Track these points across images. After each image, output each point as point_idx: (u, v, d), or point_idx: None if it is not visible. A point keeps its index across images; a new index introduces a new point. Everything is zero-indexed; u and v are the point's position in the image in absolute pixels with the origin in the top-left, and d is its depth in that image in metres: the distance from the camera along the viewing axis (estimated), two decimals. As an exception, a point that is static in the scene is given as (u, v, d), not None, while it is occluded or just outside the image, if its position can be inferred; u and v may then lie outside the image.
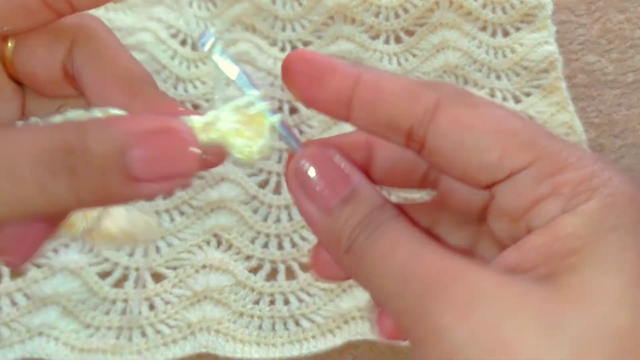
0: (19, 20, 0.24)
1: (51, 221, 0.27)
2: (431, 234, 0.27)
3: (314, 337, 0.50)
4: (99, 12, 0.66)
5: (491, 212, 0.24)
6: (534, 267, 0.21)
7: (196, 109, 0.61)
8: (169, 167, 0.22)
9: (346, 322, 0.50)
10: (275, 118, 0.25)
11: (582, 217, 0.20)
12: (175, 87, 0.62)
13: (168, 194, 0.24)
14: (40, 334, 0.50)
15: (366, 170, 0.28)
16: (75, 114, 0.24)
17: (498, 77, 0.62)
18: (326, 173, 0.24)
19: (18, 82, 0.27)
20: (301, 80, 0.24)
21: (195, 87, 0.62)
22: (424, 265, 0.21)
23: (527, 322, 0.19)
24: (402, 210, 0.25)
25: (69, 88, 0.27)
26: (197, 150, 0.22)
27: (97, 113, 0.24)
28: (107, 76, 0.25)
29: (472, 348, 0.20)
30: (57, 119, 0.25)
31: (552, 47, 0.62)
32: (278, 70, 0.63)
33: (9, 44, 0.26)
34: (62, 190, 0.21)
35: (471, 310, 0.20)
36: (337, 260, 0.24)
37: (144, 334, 0.51)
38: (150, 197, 0.23)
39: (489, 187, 0.23)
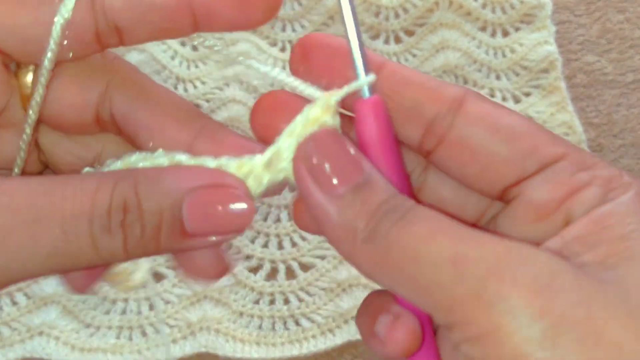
0: (67, 51, 0.23)
1: None
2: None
3: (313, 336, 0.50)
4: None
5: (506, 216, 0.23)
6: (579, 254, 0.20)
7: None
8: (219, 224, 0.22)
9: (346, 321, 0.50)
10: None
11: (625, 207, 0.20)
12: (175, 87, 0.62)
13: (218, 246, 0.25)
14: (41, 333, 0.50)
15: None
16: (137, 158, 0.24)
17: (498, 77, 0.62)
18: (337, 158, 0.22)
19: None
20: (319, 66, 0.24)
21: (195, 87, 0.62)
22: (482, 247, 0.19)
23: (613, 307, 0.18)
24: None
25: (96, 130, 0.26)
26: (247, 206, 0.22)
27: (162, 158, 0.23)
28: (164, 116, 0.25)
29: (559, 339, 0.17)
30: (118, 165, 0.24)
31: (552, 47, 0.62)
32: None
33: (27, 77, 0.25)
34: (114, 246, 0.21)
35: (551, 295, 0.18)
36: (349, 252, 0.21)
37: (144, 334, 0.51)
38: (199, 249, 0.24)
39: (508, 189, 0.22)
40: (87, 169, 0.25)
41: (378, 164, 0.22)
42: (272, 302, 0.52)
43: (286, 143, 0.23)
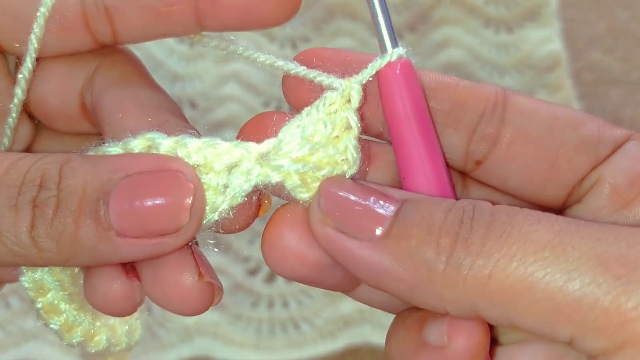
0: (54, 41, 0.21)
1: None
2: None
3: (314, 340, 0.50)
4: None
5: (588, 208, 0.20)
6: None
7: (194, 106, 0.61)
8: (158, 221, 0.18)
9: (347, 324, 0.49)
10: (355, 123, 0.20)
11: None
12: (173, 84, 0.61)
13: (149, 259, 0.19)
14: (35, 337, 0.49)
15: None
16: (115, 149, 0.20)
17: (502, 75, 0.62)
18: (359, 197, 0.18)
19: (32, 115, 0.23)
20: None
21: (192, 84, 0.62)
22: (630, 242, 0.15)
23: None
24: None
25: (84, 124, 0.23)
26: (192, 200, 0.18)
27: (135, 142, 0.19)
28: (129, 103, 0.22)
29: None
30: (91, 152, 0.21)
31: (557, 45, 0.62)
32: (277, 67, 0.63)
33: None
34: (17, 227, 0.17)
35: None
36: (432, 295, 0.16)
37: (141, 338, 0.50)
38: (126, 260, 0.19)
39: (580, 182, 0.19)
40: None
41: (412, 151, 0.19)
42: (271, 305, 0.51)
43: (289, 136, 0.19)
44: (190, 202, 0.18)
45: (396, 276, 0.17)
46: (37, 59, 0.22)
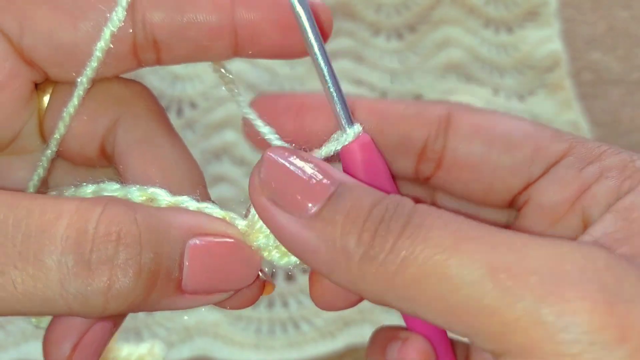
0: (104, 66, 0.21)
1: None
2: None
3: (313, 340, 0.49)
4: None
5: (523, 223, 0.21)
6: (613, 250, 0.18)
7: (194, 106, 0.61)
8: (223, 278, 0.19)
9: (346, 324, 0.49)
10: None
11: None
12: (173, 84, 0.61)
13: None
14: (36, 337, 0.49)
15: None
16: (112, 189, 0.20)
17: (502, 75, 0.62)
18: (299, 173, 0.18)
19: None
20: (288, 117, 0.22)
21: (192, 84, 0.62)
22: (523, 254, 0.16)
23: None
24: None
25: (101, 162, 0.23)
26: (252, 261, 0.20)
27: (136, 193, 0.20)
28: (153, 170, 0.22)
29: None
30: (90, 190, 0.21)
31: (557, 45, 0.62)
32: (277, 67, 0.63)
33: (45, 99, 0.22)
34: (91, 292, 0.17)
35: (627, 310, 0.15)
36: (347, 279, 0.18)
37: (140, 337, 0.50)
38: (183, 309, 0.20)
39: (516, 196, 0.21)
40: (52, 192, 0.22)
41: None
42: (270, 305, 0.51)
43: (256, 222, 0.21)
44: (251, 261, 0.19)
45: (318, 257, 0.18)
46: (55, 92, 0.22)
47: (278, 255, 0.20)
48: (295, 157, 0.19)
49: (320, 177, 0.18)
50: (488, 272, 0.16)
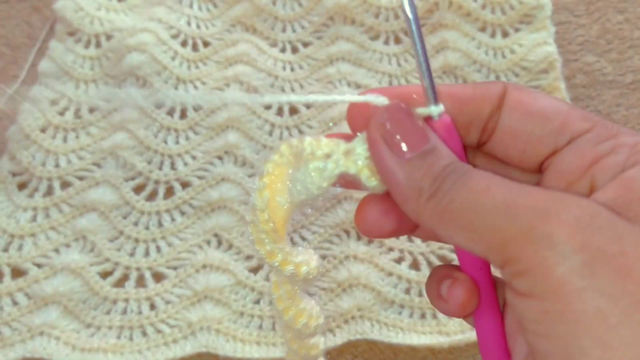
0: None
1: None
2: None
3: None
4: (99, 13, 0.66)
5: (544, 184, 0.26)
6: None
7: (196, 108, 0.61)
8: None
9: (346, 321, 0.50)
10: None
11: None
12: (176, 88, 0.62)
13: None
14: (41, 333, 0.50)
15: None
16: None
17: (497, 78, 0.62)
18: (407, 128, 0.25)
19: None
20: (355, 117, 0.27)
21: (195, 87, 0.62)
22: (530, 195, 0.22)
23: None
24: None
25: None
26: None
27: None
28: None
29: (591, 271, 0.20)
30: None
31: (551, 48, 0.62)
32: (278, 70, 0.64)
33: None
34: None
35: (591, 232, 0.20)
36: (415, 209, 0.24)
37: (144, 334, 0.51)
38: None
39: (544, 162, 0.25)
40: None
41: None
42: (272, 302, 0.52)
43: (359, 144, 0.26)
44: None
45: (400, 188, 0.24)
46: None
47: (367, 174, 0.26)
48: (411, 115, 0.25)
49: (421, 134, 0.25)
50: (503, 205, 0.22)
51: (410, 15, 0.25)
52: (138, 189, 0.58)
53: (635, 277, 0.20)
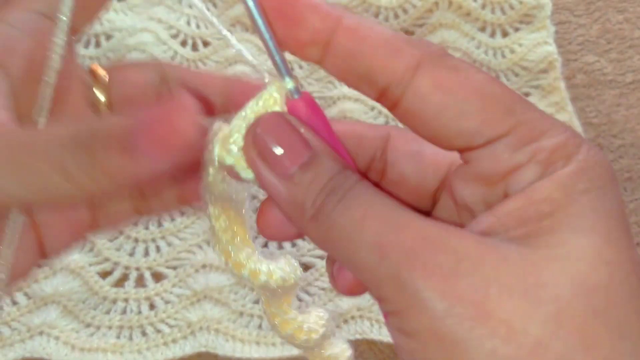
0: None
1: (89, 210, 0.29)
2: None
3: (313, 336, 0.50)
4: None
5: (460, 177, 0.24)
6: (509, 230, 0.21)
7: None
8: (166, 136, 0.22)
9: (346, 321, 0.50)
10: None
11: (556, 182, 0.21)
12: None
13: (167, 169, 0.24)
14: (41, 333, 0.50)
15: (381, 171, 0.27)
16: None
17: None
18: (284, 139, 0.23)
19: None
20: (277, 18, 0.23)
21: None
22: (401, 233, 0.21)
23: (509, 287, 0.20)
24: (364, 175, 0.25)
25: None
26: (193, 124, 0.22)
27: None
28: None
29: (454, 318, 0.20)
30: None
31: (551, 48, 0.62)
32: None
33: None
34: (82, 172, 0.22)
35: (454, 280, 0.20)
36: (301, 228, 0.23)
37: (144, 333, 0.51)
38: (152, 171, 0.23)
39: (461, 151, 0.23)
40: None
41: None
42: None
43: (236, 128, 0.24)
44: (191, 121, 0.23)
45: (284, 204, 0.23)
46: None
47: (244, 165, 0.24)
48: (287, 123, 0.23)
49: (300, 143, 0.23)
50: (376, 243, 0.21)
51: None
52: (138, 189, 0.58)
53: (495, 320, 0.20)
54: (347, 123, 0.27)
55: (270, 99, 0.24)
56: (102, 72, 0.28)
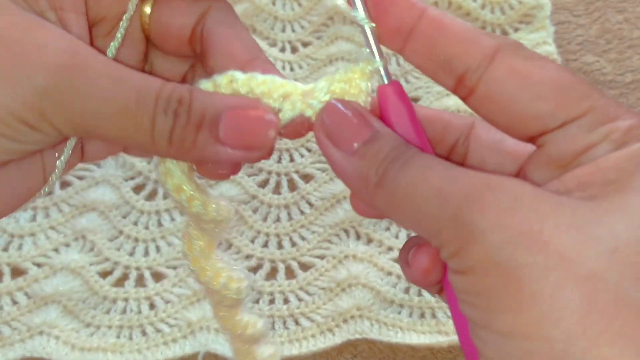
0: None
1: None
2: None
3: (313, 336, 0.50)
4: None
5: (533, 162, 0.25)
6: (572, 192, 0.22)
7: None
8: (247, 137, 0.26)
9: (345, 321, 0.50)
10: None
11: (628, 153, 0.22)
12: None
13: (240, 163, 0.30)
14: (41, 332, 0.50)
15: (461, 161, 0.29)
16: (207, 85, 0.27)
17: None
18: (349, 121, 0.25)
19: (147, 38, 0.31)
20: (370, 7, 0.26)
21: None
22: (461, 181, 0.22)
23: (566, 223, 0.21)
24: (446, 159, 0.26)
25: (188, 49, 0.30)
26: (273, 129, 0.26)
27: (220, 77, 0.27)
28: (235, 38, 0.29)
29: (510, 247, 0.21)
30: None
31: (551, 48, 0.62)
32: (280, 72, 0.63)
33: (146, 7, 0.30)
34: (164, 127, 0.25)
35: (511, 213, 0.21)
36: (368, 199, 0.25)
37: (144, 333, 0.51)
38: (226, 162, 0.28)
39: (534, 137, 0.24)
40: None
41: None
42: (271, 301, 0.52)
43: (322, 85, 0.27)
44: (273, 134, 0.26)
45: (351, 180, 0.25)
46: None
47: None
48: (351, 107, 0.26)
49: (363, 123, 0.25)
50: (436, 193, 0.22)
51: None
52: (138, 189, 0.58)
53: (551, 250, 0.20)
54: (435, 110, 0.28)
55: (357, 72, 0.26)
56: None
